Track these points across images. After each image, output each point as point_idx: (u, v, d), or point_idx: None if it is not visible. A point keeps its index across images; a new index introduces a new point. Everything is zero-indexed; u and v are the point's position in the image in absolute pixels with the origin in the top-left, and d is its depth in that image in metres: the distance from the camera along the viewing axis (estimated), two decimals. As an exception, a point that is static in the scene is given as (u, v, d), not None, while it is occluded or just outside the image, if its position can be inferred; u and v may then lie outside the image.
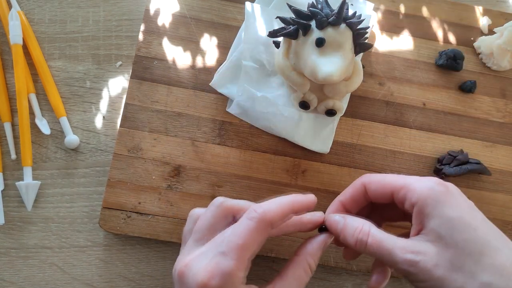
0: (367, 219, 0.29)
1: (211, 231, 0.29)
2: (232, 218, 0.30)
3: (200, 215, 0.31)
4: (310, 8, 0.34)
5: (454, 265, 0.24)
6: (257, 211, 0.27)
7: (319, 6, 0.35)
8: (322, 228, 0.31)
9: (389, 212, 0.33)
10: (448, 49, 0.42)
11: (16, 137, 0.41)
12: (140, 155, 0.39)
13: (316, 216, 0.31)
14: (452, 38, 0.44)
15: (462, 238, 0.25)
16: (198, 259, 0.27)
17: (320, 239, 0.30)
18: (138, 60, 0.41)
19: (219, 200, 0.30)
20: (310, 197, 0.30)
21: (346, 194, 0.31)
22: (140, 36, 0.41)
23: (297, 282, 0.29)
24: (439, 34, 0.44)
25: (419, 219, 0.27)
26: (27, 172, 0.39)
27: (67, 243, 0.39)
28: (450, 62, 0.42)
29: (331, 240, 0.31)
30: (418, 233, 0.27)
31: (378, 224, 0.29)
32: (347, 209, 0.31)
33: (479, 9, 0.44)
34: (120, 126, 0.39)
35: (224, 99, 0.41)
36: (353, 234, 0.28)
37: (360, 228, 0.28)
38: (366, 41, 0.36)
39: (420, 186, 0.27)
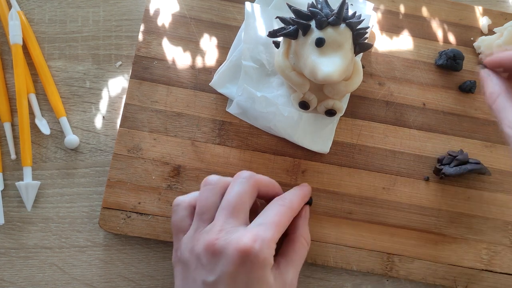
0: (504, 83, 0.31)
1: (243, 205, 0.31)
2: (257, 193, 0.32)
3: (185, 202, 0.33)
4: (310, 8, 0.34)
5: None
6: (286, 200, 0.32)
7: (319, 6, 0.35)
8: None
9: None
10: (448, 49, 0.42)
11: (16, 137, 0.41)
12: (140, 155, 0.39)
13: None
14: (452, 38, 0.44)
15: None
16: (233, 230, 0.29)
17: (302, 214, 0.35)
18: (137, 60, 0.41)
19: (246, 173, 0.32)
20: (310, 189, 0.37)
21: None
22: (140, 36, 0.41)
23: (298, 256, 0.32)
24: (439, 34, 0.44)
25: None
26: (27, 172, 0.39)
27: (67, 243, 0.39)
28: (450, 62, 0.42)
29: (308, 211, 0.36)
30: None
31: None
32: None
33: (479, 9, 0.44)
34: (120, 126, 0.39)
35: (224, 99, 0.41)
36: (488, 94, 0.31)
37: (491, 92, 0.31)
38: (366, 41, 0.36)
39: None
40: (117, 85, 0.43)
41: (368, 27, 0.36)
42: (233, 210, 0.30)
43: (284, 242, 0.34)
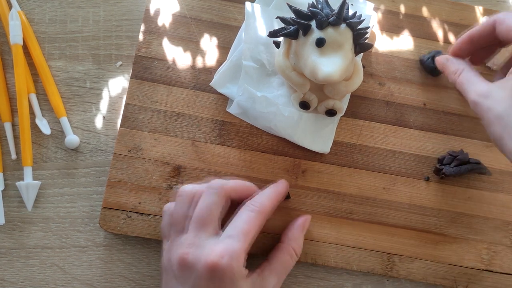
0: (466, 62, 0.34)
1: (212, 217, 0.30)
2: (229, 201, 0.32)
3: (170, 209, 0.33)
4: (310, 8, 0.34)
5: None
6: (255, 204, 0.31)
7: (319, 6, 0.35)
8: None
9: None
10: (431, 51, 0.41)
11: (16, 137, 0.41)
12: (140, 155, 0.39)
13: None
14: (452, 38, 0.44)
15: None
16: (203, 243, 0.29)
17: (299, 224, 0.36)
18: (138, 60, 0.41)
19: (216, 183, 0.32)
20: (286, 185, 0.36)
21: (476, 29, 0.34)
22: (140, 36, 0.41)
23: (283, 266, 0.33)
24: (439, 34, 0.44)
25: None
26: (28, 172, 0.39)
27: (67, 243, 0.39)
28: (430, 63, 0.41)
29: (309, 221, 0.37)
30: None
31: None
32: (474, 43, 0.35)
33: (479, 9, 0.44)
34: (120, 126, 0.39)
35: (224, 99, 0.41)
36: (451, 72, 0.34)
37: (455, 69, 0.34)
38: (366, 41, 0.36)
39: None
40: (118, 85, 0.43)
41: (368, 27, 0.36)
42: (203, 222, 0.30)
43: (274, 248, 0.34)
